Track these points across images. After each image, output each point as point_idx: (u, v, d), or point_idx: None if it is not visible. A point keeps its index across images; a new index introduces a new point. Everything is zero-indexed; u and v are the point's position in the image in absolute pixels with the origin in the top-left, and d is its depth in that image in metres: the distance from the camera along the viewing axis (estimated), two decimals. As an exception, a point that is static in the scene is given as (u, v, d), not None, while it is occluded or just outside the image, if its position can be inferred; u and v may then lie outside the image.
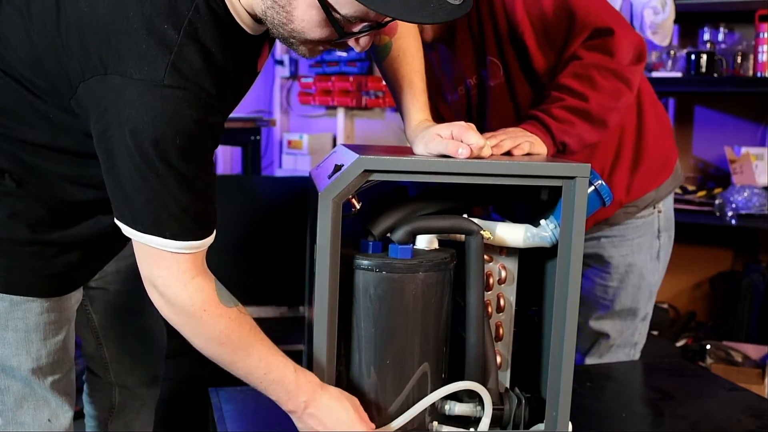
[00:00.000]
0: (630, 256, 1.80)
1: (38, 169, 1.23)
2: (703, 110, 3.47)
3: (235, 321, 1.18)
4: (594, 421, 1.50)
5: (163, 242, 1.12)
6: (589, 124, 1.47)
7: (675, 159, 1.83)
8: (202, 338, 1.19)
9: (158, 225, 1.11)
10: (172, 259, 1.13)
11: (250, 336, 1.20)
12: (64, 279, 1.32)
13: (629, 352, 1.88)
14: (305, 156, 3.94)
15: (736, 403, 1.62)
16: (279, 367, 1.21)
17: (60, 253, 1.28)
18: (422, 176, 1.21)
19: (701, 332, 3.30)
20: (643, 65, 1.54)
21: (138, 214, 1.11)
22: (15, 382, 1.29)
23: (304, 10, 1.08)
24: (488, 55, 1.60)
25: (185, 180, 1.09)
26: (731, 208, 3.01)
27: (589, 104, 1.46)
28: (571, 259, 1.23)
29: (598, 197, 1.27)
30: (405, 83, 1.38)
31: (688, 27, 3.40)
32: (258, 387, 1.22)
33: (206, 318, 1.16)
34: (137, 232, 1.12)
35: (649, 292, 1.84)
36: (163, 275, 1.15)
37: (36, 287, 1.27)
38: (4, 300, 1.25)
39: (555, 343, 1.26)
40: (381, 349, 1.25)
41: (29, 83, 1.17)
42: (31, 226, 1.24)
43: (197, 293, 1.16)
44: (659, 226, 1.81)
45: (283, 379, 1.21)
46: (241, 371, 1.21)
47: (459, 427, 1.31)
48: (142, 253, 1.16)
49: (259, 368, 1.20)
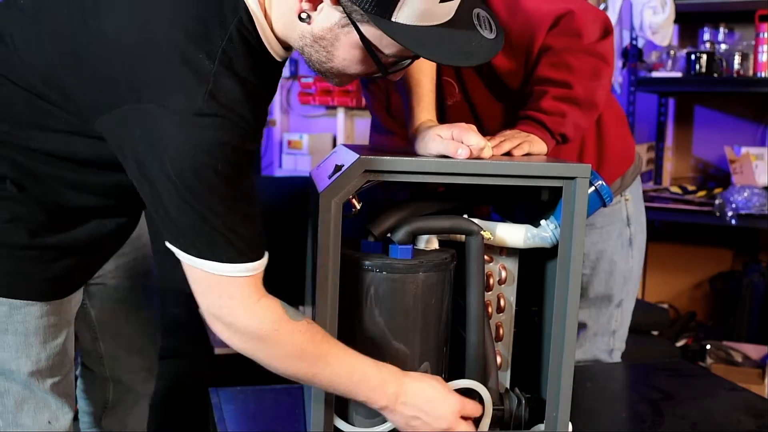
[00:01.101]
0: (600, 243, 1.80)
1: (40, 175, 1.22)
2: (703, 110, 3.48)
3: (308, 333, 1.16)
4: (594, 421, 1.49)
5: (221, 267, 1.09)
6: (579, 108, 1.47)
7: (633, 147, 1.85)
8: (279, 359, 1.17)
9: (213, 250, 1.08)
10: (234, 286, 1.11)
11: (324, 344, 1.17)
12: (64, 282, 1.31)
13: (608, 341, 1.87)
14: (305, 156, 3.94)
15: (736, 403, 1.62)
16: (360, 366, 1.19)
17: (60, 257, 1.28)
18: (423, 176, 1.21)
19: (701, 332, 3.30)
20: (612, 37, 1.52)
21: (191, 240, 1.09)
22: (15, 385, 1.29)
23: (347, 50, 1.10)
24: (443, 75, 1.58)
25: (231, 206, 1.07)
26: (731, 208, 3.01)
27: (574, 90, 1.45)
28: (572, 260, 1.23)
29: (599, 197, 1.27)
30: (412, 83, 1.39)
31: (688, 27, 3.41)
32: (344, 392, 1.20)
33: (280, 337, 1.14)
34: (192, 257, 1.10)
35: (623, 278, 1.84)
36: (227, 304, 1.12)
37: (36, 291, 1.26)
38: (3, 304, 1.25)
39: (555, 343, 1.26)
40: (381, 349, 1.25)
41: (42, 95, 1.15)
42: (32, 231, 1.23)
43: (266, 315, 1.14)
44: (628, 213, 1.82)
45: (368, 377, 1.19)
46: (323, 381, 1.19)
47: (459, 427, 1.32)
48: (201, 283, 1.13)
49: (341, 374, 1.18)
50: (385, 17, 1.03)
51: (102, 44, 1.07)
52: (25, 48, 1.15)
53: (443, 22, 1.07)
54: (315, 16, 1.07)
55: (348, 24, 1.06)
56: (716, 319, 3.45)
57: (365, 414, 1.28)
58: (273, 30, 1.12)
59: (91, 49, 1.08)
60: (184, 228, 1.08)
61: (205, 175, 1.03)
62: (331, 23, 1.07)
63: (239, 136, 1.06)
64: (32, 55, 1.14)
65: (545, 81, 1.48)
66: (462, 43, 1.09)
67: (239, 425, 1.40)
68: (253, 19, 1.08)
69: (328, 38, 1.09)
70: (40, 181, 1.22)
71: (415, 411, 1.20)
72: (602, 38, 1.50)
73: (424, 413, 1.21)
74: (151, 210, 1.11)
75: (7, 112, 1.19)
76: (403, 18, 1.03)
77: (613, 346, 1.88)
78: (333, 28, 1.07)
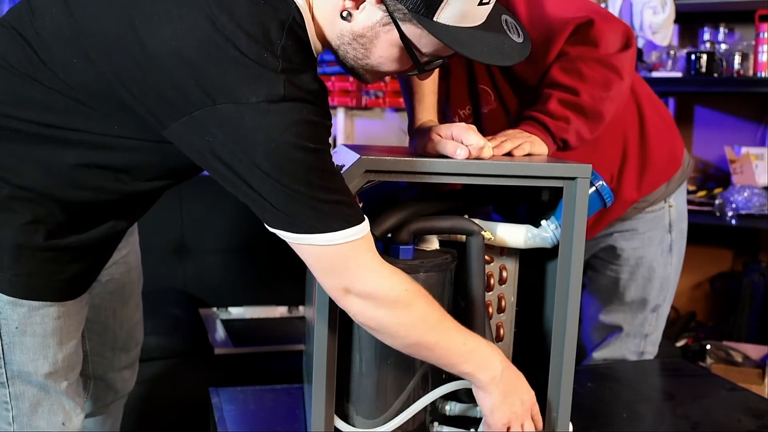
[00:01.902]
0: (640, 249, 1.82)
1: (63, 178, 1.22)
2: (703, 110, 3.47)
3: (428, 296, 1.17)
4: (594, 421, 1.50)
5: (338, 235, 1.09)
6: (584, 118, 1.46)
7: (681, 152, 1.84)
8: (408, 326, 1.16)
9: (326, 222, 1.09)
10: (357, 251, 1.11)
11: (439, 308, 1.18)
12: (79, 282, 1.32)
13: (639, 343, 1.88)
14: (305, 156, 3.94)
15: (736, 403, 1.63)
16: (469, 335, 1.19)
17: (76, 257, 1.28)
18: (423, 177, 1.21)
19: (701, 332, 3.30)
20: (632, 51, 1.52)
21: (303, 221, 1.09)
22: (31, 388, 1.29)
23: (386, 48, 1.13)
24: (479, 84, 1.61)
25: (328, 177, 1.09)
26: (731, 208, 3.01)
27: (580, 97, 1.45)
28: (572, 260, 1.23)
29: (599, 198, 1.27)
30: (415, 83, 1.39)
31: (688, 27, 3.40)
32: (456, 365, 1.19)
33: (410, 299, 1.14)
34: (310, 235, 1.09)
35: (660, 284, 1.85)
36: (356, 273, 1.12)
37: (54, 292, 1.27)
38: (23, 306, 1.24)
39: (555, 344, 1.26)
40: (381, 349, 1.25)
41: (84, 104, 1.15)
42: (51, 232, 1.23)
43: (395, 277, 1.14)
44: (670, 220, 1.83)
45: (479, 346, 1.19)
46: (442, 350, 1.18)
47: (459, 427, 1.32)
48: (324, 260, 1.12)
49: (458, 339, 1.18)
50: (428, 17, 1.06)
51: (162, 58, 1.06)
52: (67, 65, 1.14)
53: (479, 24, 1.11)
54: (356, 14, 1.11)
55: (389, 23, 1.09)
56: (716, 319, 3.45)
57: (365, 414, 1.28)
58: (316, 27, 1.14)
59: (152, 63, 1.07)
60: (293, 212, 1.09)
61: (300, 156, 1.05)
62: (373, 21, 1.10)
63: (320, 114, 1.09)
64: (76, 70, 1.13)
65: (554, 85, 1.48)
66: (497, 44, 1.12)
67: (239, 425, 1.40)
68: (303, 18, 1.11)
69: (368, 36, 1.12)
70: (62, 184, 1.22)
71: (510, 391, 1.21)
72: (621, 50, 1.50)
73: (517, 395, 1.21)
74: (251, 206, 1.12)
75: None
76: (444, 18, 1.07)
77: (644, 350, 1.89)
78: (374, 26, 1.11)
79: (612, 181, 1.73)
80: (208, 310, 2.77)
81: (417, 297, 1.15)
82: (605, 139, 1.64)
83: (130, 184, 1.23)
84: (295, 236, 1.10)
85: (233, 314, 2.81)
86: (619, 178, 1.73)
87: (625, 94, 1.54)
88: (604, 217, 1.77)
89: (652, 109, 1.76)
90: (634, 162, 1.73)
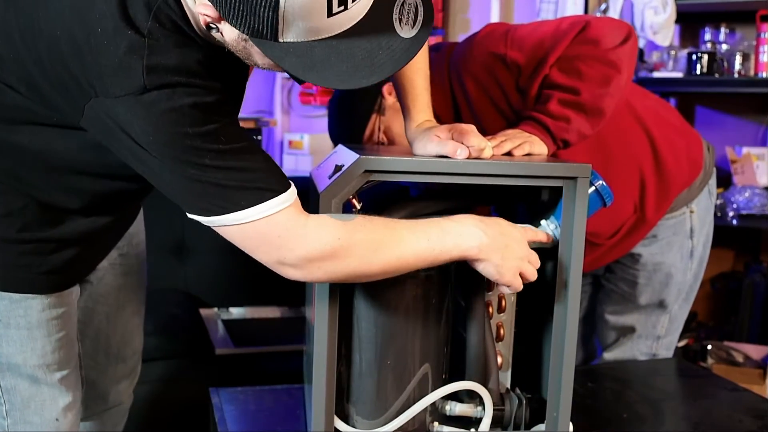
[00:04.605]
0: (659, 255, 1.82)
1: (31, 171, 1.22)
2: (704, 110, 3.47)
3: (368, 224, 1.11)
4: (595, 421, 1.49)
5: (252, 212, 1.06)
6: (585, 116, 1.46)
7: (700, 152, 1.83)
8: (361, 264, 1.10)
9: (237, 201, 1.05)
10: (276, 223, 1.07)
11: (387, 225, 1.13)
12: (64, 274, 1.31)
13: (651, 345, 1.88)
14: (306, 156, 3.93)
15: (737, 403, 1.62)
16: (430, 225, 1.14)
17: (57, 250, 1.28)
18: (423, 177, 1.21)
19: (702, 332, 3.30)
20: (630, 44, 1.52)
21: (213, 204, 1.06)
22: (22, 381, 1.29)
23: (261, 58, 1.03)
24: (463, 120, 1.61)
25: (227, 155, 1.04)
26: (732, 208, 3.01)
27: (581, 96, 1.46)
28: (572, 260, 1.23)
29: (599, 197, 1.27)
30: (407, 83, 1.37)
31: (689, 27, 3.40)
32: (435, 257, 1.14)
33: (346, 244, 1.09)
34: (222, 217, 1.06)
35: (677, 289, 1.85)
36: (282, 244, 1.08)
37: (35, 284, 1.27)
38: (3, 298, 1.25)
39: (556, 344, 1.26)
40: (381, 349, 1.25)
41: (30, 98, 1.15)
42: (25, 224, 1.23)
43: (322, 231, 1.09)
44: (692, 225, 1.83)
45: (444, 229, 1.14)
46: (410, 258, 1.12)
47: (460, 427, 1.31)
48: (247, 238, 1.09)
49: (420, 240, 1.12)
50: (270, 40, 0.96)
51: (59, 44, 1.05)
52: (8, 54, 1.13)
53: (349, 27, 0.98)
54: (221, 27, 1.02)
55: (248, 39, 1.00)
56: (717, 319, 3.44)
57: (365, 414, 1.28)
58: None
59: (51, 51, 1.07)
60: (198, 197, 1.07)
61: (182, 143, 1.02)
62: (234, 36, 1.02)
63: (198, 94, 1.04)
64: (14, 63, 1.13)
65: (555, 85, 1.49)
66: (368, 52, 0.99)
67: (239, 425, 1.40)
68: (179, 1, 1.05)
69: (239, 48, 1.04)
70: (30, 178, 1.22)
71: (501, 244, 1.16)
72: (619, 45, 1.50)
73: (508, 241, 1.17)
74: (164, 192, 1.10)
75: None
76: (292, 36, 0.96)
77: (656, 352, 1.89)
78: (239, 41, 1.02)
79: (636, 211, 1.74)
80: (208, 310, 2.77)
81: (353, 235, 1.09)
82: (621, 174, 1.67)
83: (85, 182, 1.21)
84: (207, 219, 1.08)
85: (234, 314, 2.81)
86: (642, 207, 1.75)
87: (626, 87, 1.54)
88: (633, 236, 1.77)
89: (659, 125, 1.76)
90: (653, 187, 1.74)
